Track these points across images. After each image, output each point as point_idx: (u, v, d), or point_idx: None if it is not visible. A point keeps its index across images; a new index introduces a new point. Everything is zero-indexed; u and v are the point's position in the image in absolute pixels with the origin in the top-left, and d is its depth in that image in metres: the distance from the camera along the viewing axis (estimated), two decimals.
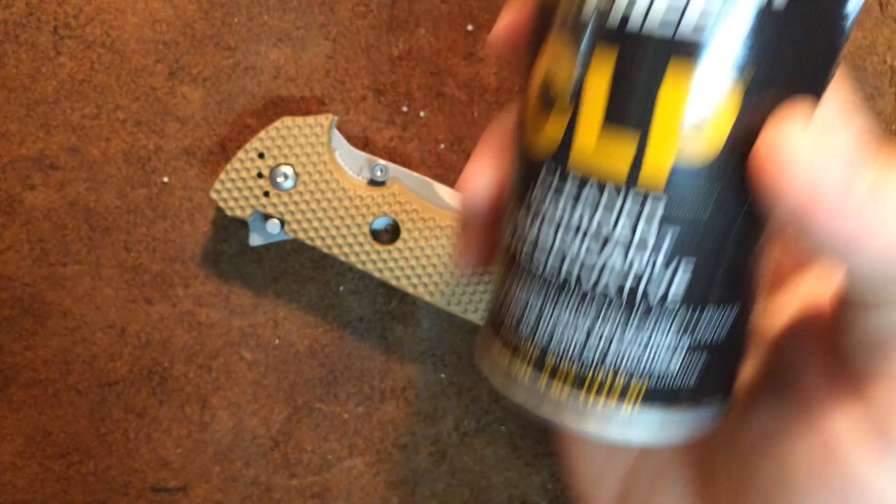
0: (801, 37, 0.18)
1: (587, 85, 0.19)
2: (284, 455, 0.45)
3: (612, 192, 0.19)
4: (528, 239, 0.21)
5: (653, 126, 0.18)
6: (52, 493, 0.44)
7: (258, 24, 0.41)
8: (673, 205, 0.19)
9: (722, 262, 0.20)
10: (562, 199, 0.20)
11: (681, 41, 0.18)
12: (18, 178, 0.41)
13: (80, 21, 0.40)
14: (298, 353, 0.44)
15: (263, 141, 0.38)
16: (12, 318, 0.43)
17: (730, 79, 0.18)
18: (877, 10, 0.42)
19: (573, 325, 0.20)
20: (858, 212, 0.17)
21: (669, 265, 0.19)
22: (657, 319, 0.20)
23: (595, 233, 0.19)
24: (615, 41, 0.18)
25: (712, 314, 0.21)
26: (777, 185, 0.18)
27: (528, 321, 0.21)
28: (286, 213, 0.39)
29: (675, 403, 0.21)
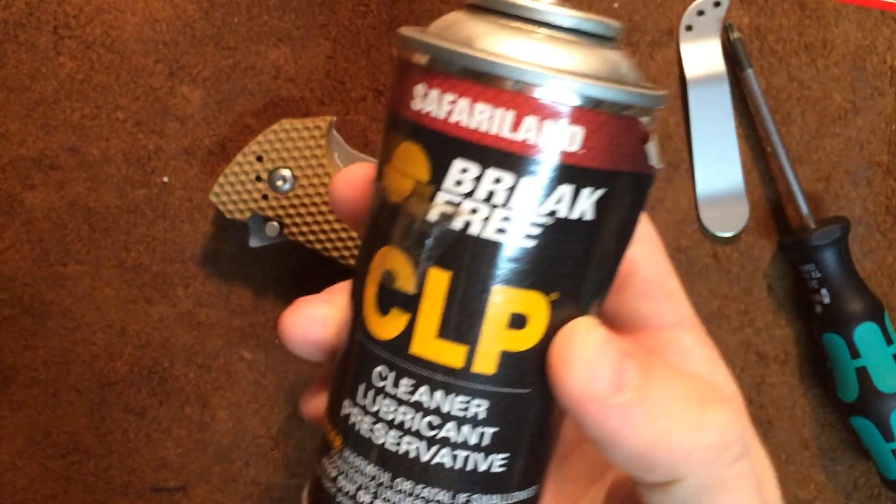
0: (599, 259, 0.22)
1: (424, 298, 0.21)
2: (284, 455, 0.45)
3: (446, 378, 0.21)
4: (368, 410, 0.22)
5: (482, 334, 0.21)
6: (52, 493, 0.44)
7: (258, 24, 0.41)
8: (498, 384, 0.21)
9: (532, 441, 0.23)
10: (401, 378, 0.22)
11: (505, 261, 0.21)
12: (18, 178, 0.41)
13: (80, 21, 0.40)
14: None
15: (262, 144, 0.38)
16: (12, 318, 0.43)
17: (542, 297, 0.21)
18: (877, 10, 0.42)
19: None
20: (623, 410, 0.20)
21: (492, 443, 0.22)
22: None
23: (432, 410, 0.22)
24: (449, 264, 0.21)
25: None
26: (561, 379, 0.21)
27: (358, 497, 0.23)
28: (285, 217, 0.39)
29: None
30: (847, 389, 0.41)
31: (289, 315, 0.25)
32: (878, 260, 0.44)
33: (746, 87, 0.42)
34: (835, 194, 0.44)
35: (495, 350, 0.21)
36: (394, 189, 0.22)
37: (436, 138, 0.20)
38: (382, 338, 0.22)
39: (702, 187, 0.43)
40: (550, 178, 0.20)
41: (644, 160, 0.21)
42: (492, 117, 0.20)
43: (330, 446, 0.23)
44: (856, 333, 0.40)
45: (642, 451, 0.20)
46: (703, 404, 0.21)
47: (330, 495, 0.23)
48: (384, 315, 0.22)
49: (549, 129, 0.20)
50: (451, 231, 0.21)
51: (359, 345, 0.23)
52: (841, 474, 0.45)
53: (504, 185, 0.20)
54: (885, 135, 0.43)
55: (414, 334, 0.21)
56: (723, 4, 0.42)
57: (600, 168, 0.20)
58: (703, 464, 0.21)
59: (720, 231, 0.43)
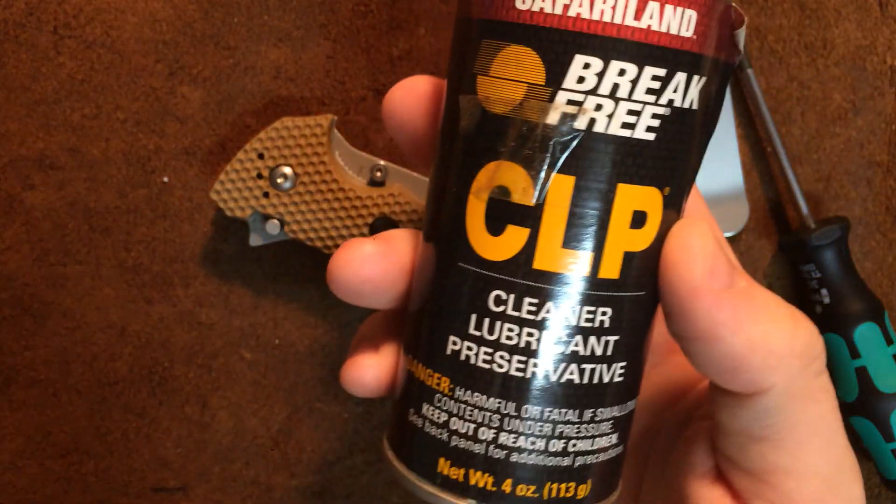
0: (695, 158, 0.22)
1: (547, 208, 0.21)
2: (284, 455, 0.45)
3: (574, 288, 0.21)
4: (485, 340, 0.22)
5: (608, 237, 0.21)
6: (52, 493, 0.44)
7: (258, 24, 0.41)
8: (625, 289, 0.21)
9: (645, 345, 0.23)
10: (525, 297, 0.21)
11: (628, 154, 0.20)
12: (18, 178, 0.41)
13: (80, 21, 0.40)
14: (298, 353, 0.44)
15: (263, 141, 0.38)
16: (12, 318, 0.43)
17: (657, 193, 0.21)
18: (877, 10, 0.42)
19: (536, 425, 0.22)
20: (734, 305, 0.21)
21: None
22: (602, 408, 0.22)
23: (560, 326, 0.21)
24: (572, 167, 0.20)
25: (630, 407, 0.23)
26: (681, 270, 0.21)
27: (484, 432, 0.22)
28: (286, 214, 0.39)
29: None
30: (847, 389, 0.41)
31: (340, 252, 0.24)
32: (878, 260, 0.44)
33: (746, 87, 0.42)
34: (835, 194, 0.44)
35: (619, 252, 0.21)
36: (498, 98, 0.21)
37: (552, 36, 0.20)
38: (497, 259, 0.21)
39: (702, 187, 0.43)
40: (670, 65, 0.20)
41: (735, 48, 0.21)
42: (615, 6, 0.19)
43: (432, 391, 0.22)
44: (856, 333, 0.40)
45: (743, 351, 0.21)
46: (794, 315, 0.22)
47: (440, 442, 0.22)
48: (497, 235, 0.21)
49: (669, 14, 0.20)
50: (575, 132, 0.20)
51: (462, 273, 0.22)
52: None
53: (628, 76, 0.20)
54: (885, 135, 0.43)
55: (537, 248, 0.21)
56: None
57: (706, 55, 0.20)
58: (794, 371, 0.21)
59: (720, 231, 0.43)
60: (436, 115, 0.24)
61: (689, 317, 0.21)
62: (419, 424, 0.23)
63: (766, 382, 0.21)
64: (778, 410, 0.22)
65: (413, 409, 0.23)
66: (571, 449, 0.22)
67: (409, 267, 0.24)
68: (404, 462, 0.23)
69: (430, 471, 0.22)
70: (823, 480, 0.22)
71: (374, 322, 0.27)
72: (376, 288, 0.24)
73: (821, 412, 0.22)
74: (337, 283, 0.24)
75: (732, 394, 0.22)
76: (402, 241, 0.24)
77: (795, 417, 0.22)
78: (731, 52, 0.21)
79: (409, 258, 0.24)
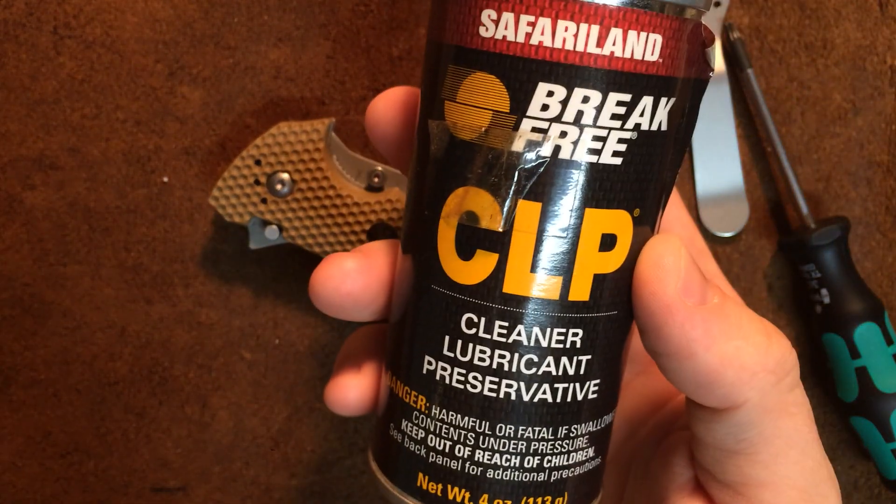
0: (667, 176, 0.22)
1: (515, 234, 0.21)
2: (284, 455, 0.45)
3: (543, 311, 0.21)
4: (459, 361, 0.22)
5: (576, 261, 0.21)
6: (52, 493, 0.44)
7: (258, 24, 0.41)
8: (594, 309, 0.22)
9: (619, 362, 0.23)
10: (495, 320, 0.21)
11: (596, 182, 0.20)
12: (18, 178, 0.41)
13: (80, 21, 0.40)
14: (298, 353, 0.44)
15: (260, 148, 0.38)
16: (12, 318, 0.43)
17: (627, 215, 0.21)
18: (877, 10, 0.42)
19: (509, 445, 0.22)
20: (707, 321, 0.21)
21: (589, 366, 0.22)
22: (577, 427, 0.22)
23: (531, 348, 0.21)
24: (539, 194, 0.20)
25: (609, 419, 0.24)
26: (654, 287, 0.21)
27: (460, 451, 0.22)
28: (284, 220, 0.39)
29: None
30: (847, 389, 0.41)
31: (322, 268, 0.25)
32: (878, 260, 0.44)
33: (746, 87, 0.42)
34: (835, 194, 0.44)
35: (588, 275, 0.21)
36: (465, 125, 0.21)
37: (515, 65, 0.20)
38: (468, 282, 0.21)
39: (702, 187, 0.43)
40: (635, 90, 0.20)
41: (706, 65, 0.21)
42: (576, 34, 0.19)
43: (410, 408, 0.23)
44: (856, 333, 0.40)
45: (716, 367, 0.21)
46: (767, 331, 0.22)
47: (419, 458, 0.23)
48: (467, 259, 0.21)
49: (632, 40, 0.20)
50: (540, 159, 0.20)
51: (436, 295, 0.22)
52: (841, 474, 0.45)
53: (592, 103, 0.20)
54: (885, 135, 0.43)
55: (506, 273, 0.21)
56: (723, 4, 0.42)
57: (674, 76, 0.21)
58: (767, 386, 0.21)
59: (720, 231, 0.43)
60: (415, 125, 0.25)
61: (663, 334, 0.21)
62: (399, 440, 0.23)
63: (740, 398, 0.21)
64: (752, 425, 0.22)
65: (393, 424, 0.23)
66: (547, 465, 0.22)
67: (389, 280, 0.25)
68: (388, 475, 0.24)
69: (411, 485, 0.23)
70: (800, 492, 0.22)
71: (357, 340, 0.28)
72: (357, 303, 0.25)
73: (795, 425, 0.22)
74: (318, 298, 0.25)
75: (707, 408, 0.22)
76: (382, 255, 0.25)
77: (770, 431, 0.22)
78: (703, 70, 0.21)
79: (390, 271, 0.25)
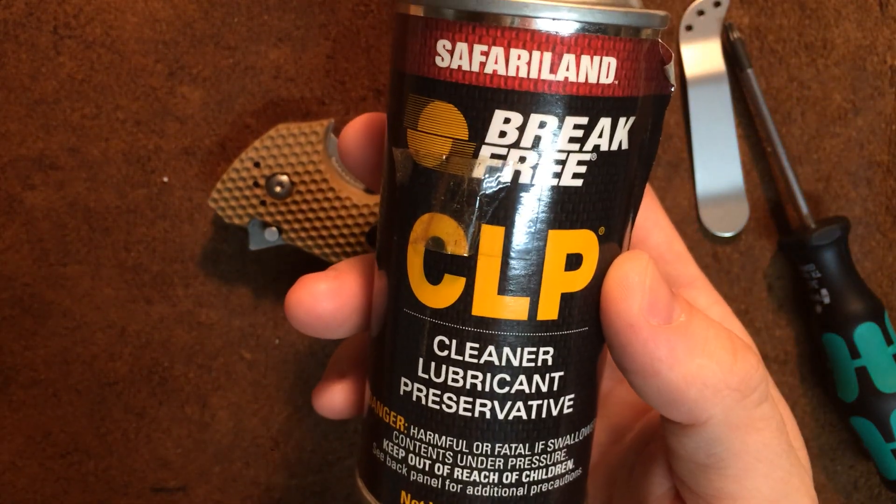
0: (634, 191, 0.22)
1: (480, 258, 0.21)
2: (284, 455, 0.45)
3: (512, 332, 0.21)
4: (433, 382, 0.22)
5: (543, 282, 0.21)
6: (52, 493, 0.44)
7: (258, 24, 0.41)
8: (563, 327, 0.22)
9: (593, 373, 0.23)
10: (466, 342, 0.21)
11: (558, 207, 0.21)
12: (18, 178, 0.41)
13: (80, 21, 0.40)
14: (298, 353, 0.44)
15: (258, 150, 0.38)
16: (12, 318, 0.43)
17: (592, 234, 0.22)
18: (877, 10, 0.42)
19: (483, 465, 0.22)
20: (671, 340, 0.21)
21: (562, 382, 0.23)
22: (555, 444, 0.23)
23: (503, 367, 0.22)
24: (502, 218, 0.21)
25: (589, 430, 0.24)
26: (618, 305, 0.21)
27: (436, 470, 0.22)
28: (283, 222, 0.39)
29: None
30: (847, 389, 0.41)
31: (294, 291, 0.25)
32: (878, 260, 0.44)
33: (746, 87, 0.42)
34: (835, 194, 0.44)
35: (556, 294, 0.21)
36: (427, 153, 0.21)
37: (471, 93, 0.20)
38: (438, 306, 0.22)
39: (702, 187, 0.43)
40: (592, 113, 0.20)
41: (665, 81, 0.22)
42: (529, 62, 0.20)
43: (390, 427, 0.23)
44: (856, 333, 0.40)
45: (679, 385, 0.21)
46: (733, 348, 0.22)
47: (401, 476, 0.23)
48: (436, 283, 0.22)
49: (586, 65, 0.20)
50: (500, 184, 0.20)
51: (408, 319, 0.22)
52: (841, 474, 0.45)
53: (549, 128, 0.20)
54: (885, 135, 0.43)
55: (474, 296, 0.21)
56: (723, 4, 0.42)
57: (632, 95, 0.21)
58: (730, 403, 0.22)
59: (720, 231, 0.43)
60: None
61: (628, 352, 0.21)
62: (381, 458, 0.24)
63: (703, 415, 0.22)
64: (719, 441, 0.22)
65: (376, 443, 0.24)
66: (525, 479, 0.22)
67: (363, 299, 0.25)
68: (373, 493, 0.24)
69: (395, 502, 0.23)
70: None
71: (346, 348, 0.29)
72: (329, 324, 0.25)
73: (763, 440, 0.23)
74: (294, 320, 0.25)
75: (677, 423, 0.23)
76: (355, 275, 0.25)
77: (737, 447, 0.22)
78: (663, 86, 0.22)
79: (363, 291, 0.25)
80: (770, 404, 0.23)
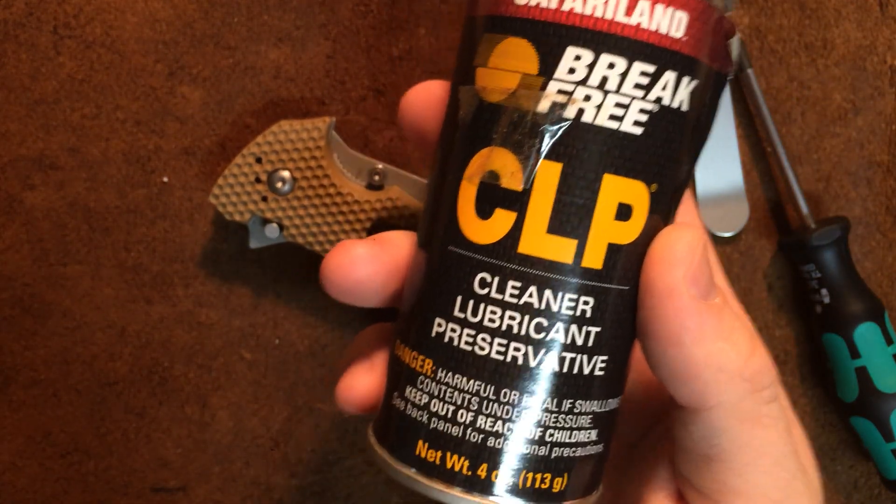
0: (684, 163, 0.23)
1: (534, 193, 0.21)
2: (284, 455, 0.45)
3: (556, 275, 0.21)
4: (469, 322, 0.22)
5: (592, 226, 0.21)
6: (52, 493, 0.44)
7: (258, 23, 0.41)
8: (605, 279, 0.22)
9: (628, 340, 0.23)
10: (508, 280, 0.21)
11: (617, 146, 0.21)
12: (18, 178, 0.41)
13: (80, 21, 0.40)
14: (298, 353, 0.44)
15: (260, 146, 0.38)
16: (12, 318, 0.43)
17: (644, 188, 0.22)
18: (877, 10, 0.42)
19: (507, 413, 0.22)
20: (701, 316, 0.21)
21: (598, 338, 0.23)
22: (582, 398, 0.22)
23: (542, 311, 0.22)
24: (560, 155, 0.21)
25: (615, 404, 0.24)
26: (663, 268, 0.21)
27: (460, 416, 0.22)
28: (284, 218, 0.39)
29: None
30: (847, 389, 0.41)
31: (332, 255, 0.25)
32: (878, 260, 0.44)
33: (746, 87, 0.42)
34: (835, 194, 0.44)
35: (602, 243, 0.21)
36: (494, 88, 0.22)
37: (546, 29, 0.21)
38: (484, 242, 0.22)
39: (702, 187, 0.43)
40: (659, 62, 0.21)
41: (727, 58, 0.22)
42: (606, 2, 0.21)
43: (415, 373, 0.23)
44: (856, 333, 0.40)
45: (698, 361, 0.21)
46: (753, 344, 0.22)
47: (420, 424, 0.23)
48: (486, 218, 0.22)
49: (659, 13, 0.21)
50: (563, 120, 0.21)
51: (451, 256, 0.22)
52: (841, 474, 0.45)
53: (617, 70, 0.21)
54: (885, 135, 0.43)
55: (522, 233, 0.21)
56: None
57: (697, 58, 0.21)
58: (740, 393, 0.22)
59: (720, 231, 0.43)
60: None
61: (659, 315, 0.21)
62: (401, 407, 0.23)
63: (713, 399, 0.22)
64: (723, 430, 0.22)
65: (397, 392, 0.24)
66: (549, 439, 0.22)
67: (401, 267, 0.25)
68: (385, 446, 0.24)
69: (409, 454, 0.23)
70: (772, 503, 0.23)
71: (366, 336, 0.28)
72: (367, 288, 0.25)
73: (768, 437, 0.23)
74: (330, 284, 0.25)
75: (685, 409, 0.23)
76: (395, 243, 0.25)
77: (742, 439, 0.22)
78: (724, 63, 0.22)
79: (402, 259, 0.25)
80: (779, 407, 0.23)
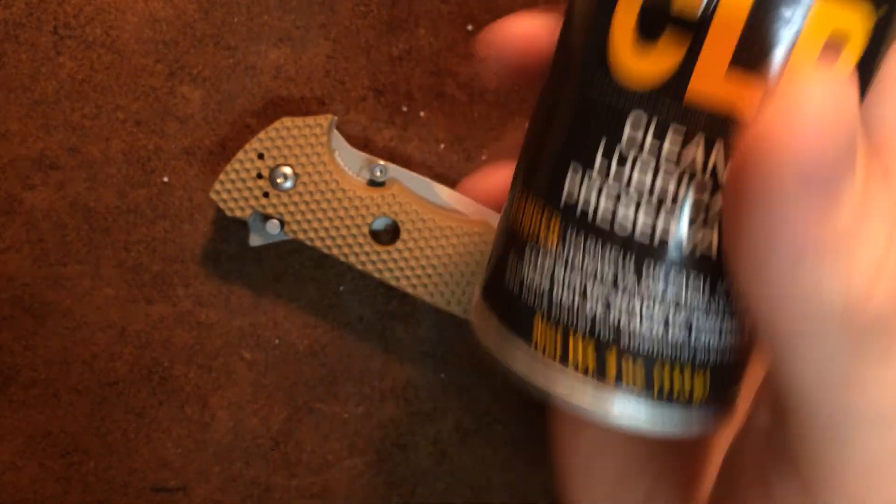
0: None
1: (717, 16, 0.16)
2: (284, 455, 0.45)
3: (732, 126, 0.16)
4: (606, 184, 0.18)
5: (789, 65, 0.16)
6: (52, 493, 0.44)
7: (258, 24, 0.41)
8: None
9: None
10: (667, 135, 0.17)
11: None
12: (18, 178, 0.41)
13: (80, 21, 0.40)
14: (298, 353, 0.44)
15: (263, 141, 0.38)
16: (12, 318, 0.43)
17: (868, 14, 0.16)
18: None
19: (626, 290, 0.18)
20: (821, 258, 0.14)
21: None
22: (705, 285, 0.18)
23: (709, 174, 0.17)
24: None
25: None
26: (769, 156, 0.14)
27: (572, 288, 0.18)
28: (286, 214, 0.39)
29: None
30: None
31: (497, 23, 0.22)
32: None
33: None
34: None
35: None
36: None
37: None
38: (642, 86, 0.17)
39: None
40: None
41: None
42: None
43: (539, 233, 0.19)
44: None
45: (839, 286, 0.14)
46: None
47: (541, 295, 0.19)
48: (647, 52, 0.17)
49: None
50: None
51: (596, 101, 0.18)
52: None
53: None
54: None
55: (693, 73, 0.16)
56: None
57: None
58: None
59: None
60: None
61: (762, 222, 0.14)
62: (518, 270, 0.19)
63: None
64: None
65: (514, 252, 0.20)
66: (694, 326, 0.18)
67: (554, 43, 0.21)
68: (497, 314, 0.20)
69: (525, 328, 0.19)
70: None
71: (506, 142, 0.24)
72: (524, 44, 0.22)
73: None
74: (488, 42, 0.23)
75: None
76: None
77: None
78: None
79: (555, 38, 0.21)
80: None
